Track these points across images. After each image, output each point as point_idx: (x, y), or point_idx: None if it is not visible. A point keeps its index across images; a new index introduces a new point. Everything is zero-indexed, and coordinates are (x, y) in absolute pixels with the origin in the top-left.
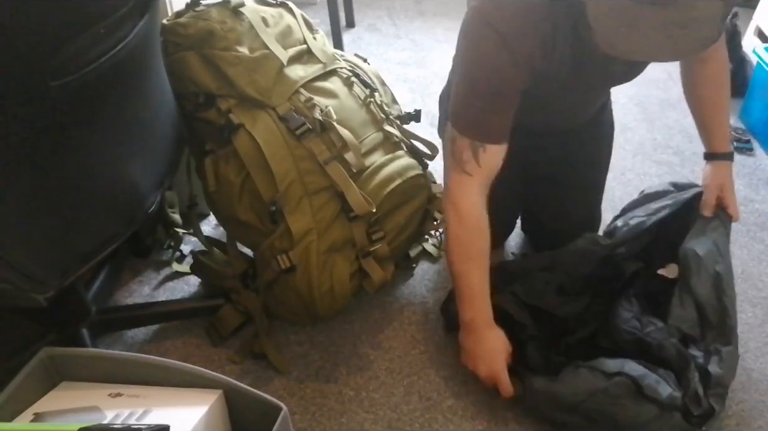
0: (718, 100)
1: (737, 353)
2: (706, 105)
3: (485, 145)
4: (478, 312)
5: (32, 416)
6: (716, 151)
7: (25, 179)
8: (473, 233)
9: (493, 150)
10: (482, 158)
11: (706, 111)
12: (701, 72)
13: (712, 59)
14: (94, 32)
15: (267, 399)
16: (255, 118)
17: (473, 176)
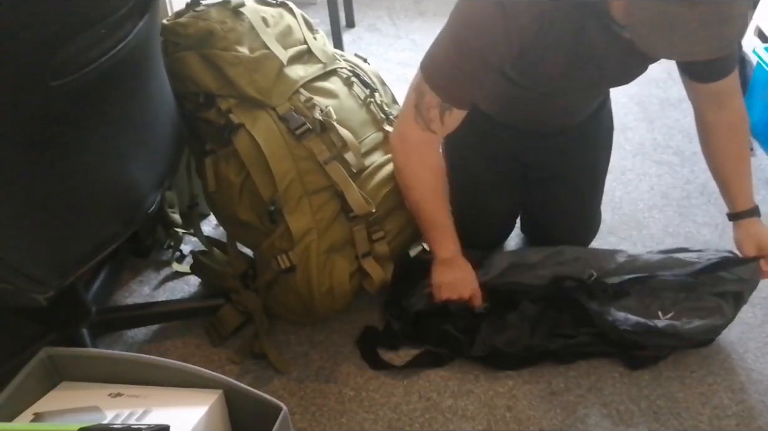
0: (740, 152)
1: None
2: (727, 158)
3: (453, 109)
4: (454, 244)
5: (32, 416)
6: (743, 209)
7: (25, 179)
8: (443, 182)
9: (457, 114)
10: (447, 119)
11: (728, 165)
12: (718, 122)
13: (728, 107)
14: (94, 32)
15: (267, 399)
16: (255, 117)
17: (436, 134)
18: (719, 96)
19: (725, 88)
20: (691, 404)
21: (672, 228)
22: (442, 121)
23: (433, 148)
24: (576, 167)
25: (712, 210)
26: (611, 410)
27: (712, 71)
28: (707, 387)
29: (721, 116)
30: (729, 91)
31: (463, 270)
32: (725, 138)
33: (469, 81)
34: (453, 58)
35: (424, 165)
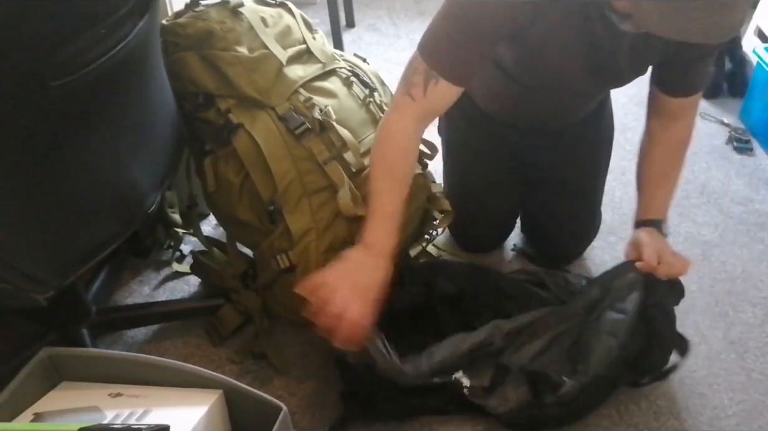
0: (669, 169)
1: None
2: (660, 169)
3: (439, 79)
4: (384, 236)
5: (32, 416)
6: (654, 218)
7: (24, 179)
8: (400, 154)
9: (444, 86)
10: (430, 90)
11: (658, 176)
12: (667, 135)
13: (681, 124)
14: (94, 32)
15: (267, 398)
16: (254, 117)
17: (415, 102)
18: (678, 112)
19: (687, 107)
20: (692, 404)
21: (672, 228)
22: (424, 89)
23: (405, 115)
24: (576, 167)
25: (712, 210)
26: (611, 410)
27: (685, 85)
28: (707, 387)
29: (671, 131)
30: (688, 110)
31: (369, 274)
32: (667, 150)
33: (460, 51)
34: (445, 27)
35: (390, 137)
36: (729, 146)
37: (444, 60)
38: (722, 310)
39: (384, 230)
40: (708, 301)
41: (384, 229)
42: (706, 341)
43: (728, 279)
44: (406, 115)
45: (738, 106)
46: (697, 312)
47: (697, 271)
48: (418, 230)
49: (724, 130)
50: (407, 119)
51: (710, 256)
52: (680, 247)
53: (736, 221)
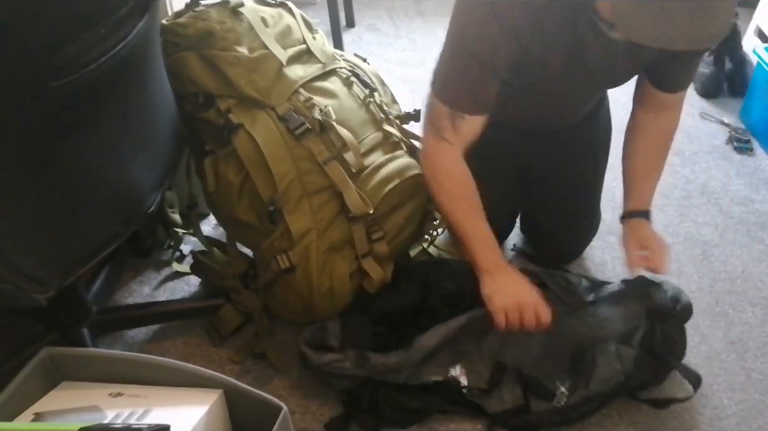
0: (657, 159)
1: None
2: (646, 160)
3: (464, 115)
4: (494, 255)
5: (33, 416)
6: (639, 209)
7: (25, 179)
8: (462, 186)
9: (471, 120)
10: (460, 127)
11: (643, 167)
12: (652, 126)
13: (667, 116)
14: (94, 32)
15: (267, 398)
16: (254, 118)
17: (453, 144)
18: (665, 106)
19: (674, 101)
20: (692, 404)
21: (672, 228)
22: (454, 130)
23: (452, 157)
24: (575, 167)
25: (712, 210)
26: (611, 410)
27: (675, 81)
28: (707, 386)
29: (656, 122)
30: (676, 104)
31: (513, 277)
32: (652, 142)
33: (475, 86)
34: (456, 66)
35: (447, 176)
36: (729, 146)
37: (463, 98)
38: (722, 310)
39: (490, 251)
40: (708, 301)
41: (492, 249)
42: (706, 341)
43: (728, 279)
44: (454, 157)
45: (738, 106)
46: (697, 312)
47: (697, 271)
48: (418, 230)
49: (724, 129)
50: (453, 156)
51: (710, 256)
52: (680, 247)
53: (736, 221)
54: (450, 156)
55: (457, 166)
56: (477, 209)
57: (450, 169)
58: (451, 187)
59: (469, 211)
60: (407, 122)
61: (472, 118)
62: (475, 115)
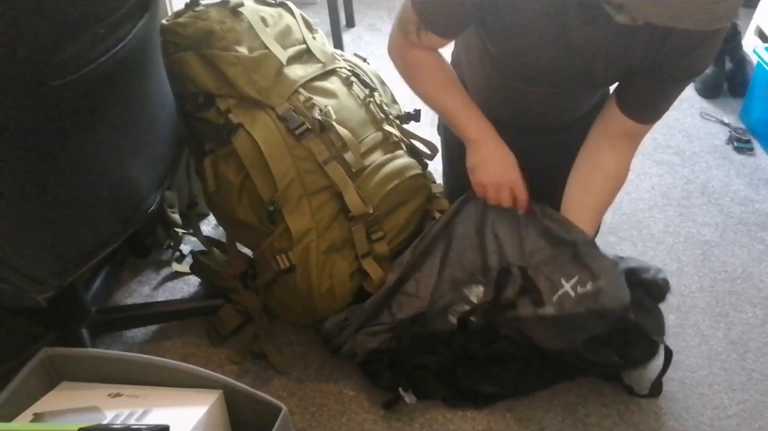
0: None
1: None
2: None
3: (428, 32)
4: (480, 124)
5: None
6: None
7: (24, 179)
8: (432, 68)
9: (433, 38)
10: (423, 37)
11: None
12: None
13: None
14: (94, 32)
15: (267, 399)
16: (254, 117)
17: (413, 43)
18: (624, 138)
19: (633, 134)
20: (692, 404)
21: (672, 228)
22: (418, 37)
23: (414, 49)
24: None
25: (712, 210)
26: (611, 410)
27: (645, 108)
28: (708, 387)
29: (610, 163)
30: (634, 139)
31: (497, 149)
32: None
33: (446, 8)
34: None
35: (407, 61)
36: (729, 146)
37: (432, 16)
38: (722, 310)
39: (474, 119)
40: (708, 301)
41: (473, 119)
42: (706, 341)
43: (729, 279)
44: (413, 49)
45: (738, 106)
46: (698, 312)
47: (698, 271)
48: (418, 230)
49: (724, 129)
50: (416, 49)
51: (711, 256)
52: (680, 247)
53: (736, 221)
54: (412, 49)
55: (421, 53)
56: (452, 82)
57: (416, 56)
58: (421, 71)
59: (444, 88)
60: (407, 122)
61: (434, 37)
62: (438, 36)
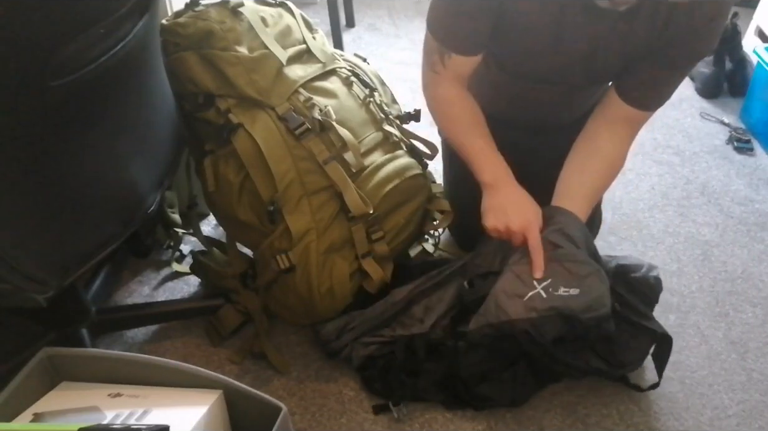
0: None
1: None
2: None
3: (451, 54)
4: (496, 169)
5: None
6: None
7: (24, 179)
8: (459, 108)
9: (457, 59)
10: (448, 63)
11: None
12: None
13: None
14: (94, 32)
15: (267, 399)
16: (254, 117)
17: (440, 75)
18: (621, 122)
19: (632, 121)
20: (692, 404)
21: (672, 228)
22: (443, 65)
23: (442, 84)
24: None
25: (712, 210)
26: (611, 410)
27: (645, 95)
28: (708, 387)
29: (608, 149)
30: (633, 125)
31: (512, 195)
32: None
33: (459, 20)
34: (448, 6)
35: (435, 98)
36: (729, 146)
37: (451, 36)
38: (722, 310)
39: (492, 164)
40: (708, 301)
41: (492, 163)
42: (706, 341)
43: (729, 279)
44: (441, 84)
45: (738, 106)
46: (698, 312)
47: (698, 271)
48: (418, 230)
49: (724, 129)
50: (445, 85)
51: (710, 256)
52: (680, 247)
53: (736, 221)
54: (444, 85)
55: (451, 91)
56: (476, 126)
57: (445, 95)
58: (448, 109)
59: (467, 128)
60: (407, 122)
61: (459, 58)
62: (462, 55)
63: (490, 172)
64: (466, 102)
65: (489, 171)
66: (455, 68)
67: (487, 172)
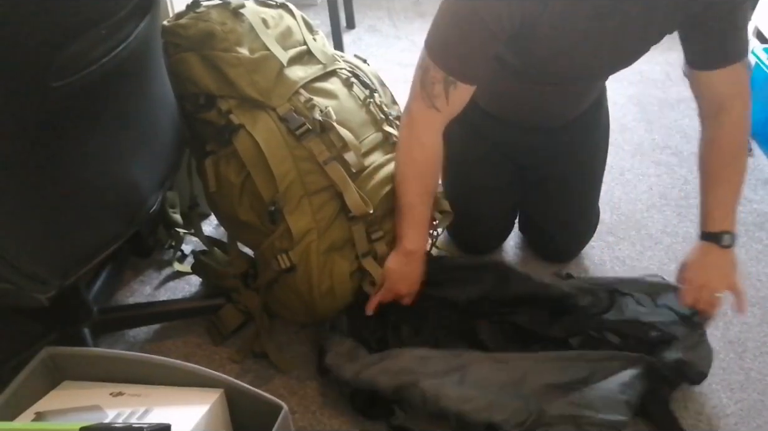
0: (720, 171)
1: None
2: (706, 172)
3: (457, 82)
4: (420, 241)
5: (34, 415)
6: (710, 230)
7: (26, 179)
8: (433, 168)
9: (463, 88)
10: (452, 95)
11: (705, 179)
12: (713, 132)
13: (729, 115)
14: (96, 33)
15: (268, 398)
16: (255, 118)
17: (441, 112)
18: (722, 96)
19: (729, 84)
20: (690, 403)
21: (670, 228)
22: (446, 97)
23: (434, 128)
24: (573, 165)
25: None
26: None
27: (716, 51)
28: (706, 386)
29: (721, 128)
30: (733, 91)
31: (417, 269)
32: (713, 151)
33: (472, 52)
34: (454, 30)
35: (419, 142)
36: None
37: (460, 65)
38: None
39: (420, 237)
40: None
41: (420, 236)
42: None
43: None
44: (435, 128)
45: None
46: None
47: None
48: None
49: None
50: (436, 131)
51: None
52: (679, 247)
53: None
54: (433, 126)
55: (434, 140)
56: (426, 189)
57: (427, 142)
58: (416, 154)
59: (424, 193)
60: None
61: (463, 87)
62: (468, 83)
63: (415, 242)
64: (437, 159)
65: (415, 241)
66: (457, 99)
67: (414, 241)
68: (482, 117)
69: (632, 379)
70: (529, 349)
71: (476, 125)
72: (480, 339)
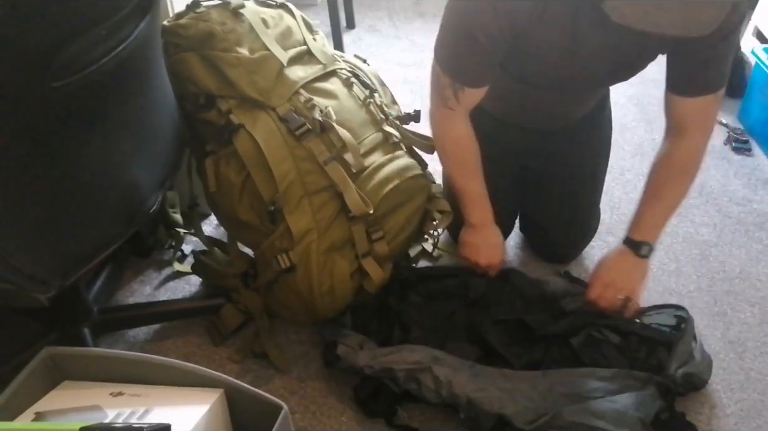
0: (667, 188)
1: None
2: (650, 183)
3: (464, 88)
4: (484, 213)
5: (33, 415)
6: (634, 238)
7: (26, 179)
8: (467, 151)
9: (471, 92)
10: (461, 97)
11: (647, 189)
12: (671, 149)
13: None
14: (95, 33)
15: (268, 398)
16: (255, 118)
17: (455, 111)
18: (688, 121)
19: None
20: (690, 403)
21: (670, 228)
22: (457, 99)
23: (456, 122)
24: (575, 167)
25: (710, 210)
26: None
27: (695, 82)
28: (706, 386)
29: (676, 149)
30: (699, 120)
31: (489, 238)
32: (666, 170)
33: (469, 60)
34: (450, 41)
35: (448, 138)
36: (727, 146)
37: (463, 73)
38: (721, 310)
39: (481, 209)
40: (707, 301)
41: (481, 209)
42: (704, 340)
43: (726, 279)
44: (456, 121)
45: (737, 107)
46: (696, 312)
47: (696, 271)
48: (418, 230)
49: (722, 130)
50: (458, 122)
51: (709, 256)
52: (679, 247)
53: (734, 221)
54: (455, 121)
55: (463, 131)
56: (478, 171)
57: (454, 135)
58: (459, 153)
59: (468, 174)
60: (407, 123)
61: (471, 90)
62: (474, 87)
63: (478, 215)
64: (474, 145)
65: (478, 215)
66: (468, 101)
67: (476, 215)
68: (483, 118)
69: (646, 398)
70: (532, 349)
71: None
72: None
